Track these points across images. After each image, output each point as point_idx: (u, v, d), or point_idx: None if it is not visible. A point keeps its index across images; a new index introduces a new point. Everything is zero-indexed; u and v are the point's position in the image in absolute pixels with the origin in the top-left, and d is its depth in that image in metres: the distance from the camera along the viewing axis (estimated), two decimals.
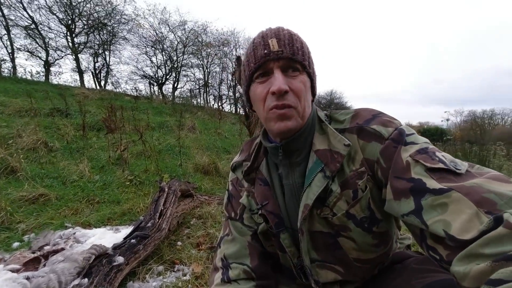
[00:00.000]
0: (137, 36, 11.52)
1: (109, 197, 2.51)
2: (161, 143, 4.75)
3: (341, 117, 0.57)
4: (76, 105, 5.67)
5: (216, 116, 8.28)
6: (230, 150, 5.34)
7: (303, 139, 0.57)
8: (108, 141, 3.83)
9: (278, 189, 0.61)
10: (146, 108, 7.44)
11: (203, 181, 3.30)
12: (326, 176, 0.52)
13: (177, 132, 5.56)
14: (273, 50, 0.51)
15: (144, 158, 3.66)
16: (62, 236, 1.38)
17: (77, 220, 1.97)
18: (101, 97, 7.59)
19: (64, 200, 2.34)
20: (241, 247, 0.65)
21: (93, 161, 3.45)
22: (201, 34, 12.31)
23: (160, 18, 11.60)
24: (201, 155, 4.12)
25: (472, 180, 0.37)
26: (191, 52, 12.67)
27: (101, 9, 10.25)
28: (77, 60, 10.60)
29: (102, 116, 5.12)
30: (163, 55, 12.30)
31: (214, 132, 6.55)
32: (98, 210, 2.22)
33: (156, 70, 12.58)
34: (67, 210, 2.15)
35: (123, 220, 2.06)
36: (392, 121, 0.51)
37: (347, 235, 0.54)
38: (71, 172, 2.96)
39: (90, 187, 2.67)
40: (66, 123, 4.49)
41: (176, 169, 3.67)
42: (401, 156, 0.45)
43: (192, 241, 1.81)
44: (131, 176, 3.00)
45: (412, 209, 0.40)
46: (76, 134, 4.28)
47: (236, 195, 0.70)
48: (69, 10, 9.70)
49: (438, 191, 0.38)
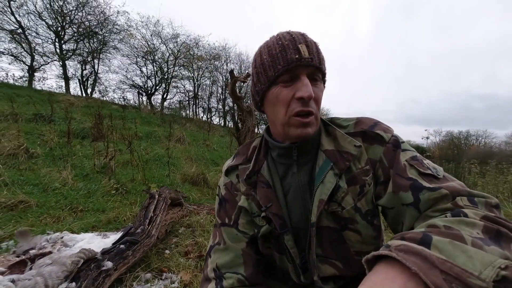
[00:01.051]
0: (128, 46, 11.54)
1: (94, 205, 2.44)
2: (148, 153, 4.68)
3: (344, 123, 0.65)
4: (61, 112, 5.52)
5: (205, 128, 8.29)
6: (219, 162, 5.34)
7: (313, 140, 0.62)
8: (93, 149, 3.74)
9: (279, 190, 0.63)
10: (134, 117, 7.35)
11: (192, 192, 3.28)
12: (335, 174, 0.58)
13: (166, 143, 5.52)
14: (304, 57, 0.52)
15: (131, 167, 3.59)
16: (49, 240, 1.33)
17: (60, 228, 1.89)
18: (87, 105, 7.43)
19: (45, 207, 2.25)
20: (235, 256, 0.64)
21: (77, 169, 3.34)
22: (193, 47, 12.53)
23: (153, 30, 11.73)
24: (190, 166, 4.10)
25: (451, 182, 0.50)
26: (182, 64, 12.79)
27: (93, 18, 10.26)
28: (64, 66, 10.39)
29: (88, 123, 5.02)
30: (153, 66, 12.34)
31: (202, 144, 6.54)
32: (82, 218, 2.14)
33: (146, 80, 12.55)
34: (48, 217, 2.07)
35: (108, 229, 2.01)
36: (389, 129, 0.61)
37: (354, 228, 0.58)
38: (53, 180, 2.85)
39: (73, 195, 2.59)
40: (50, 130, 4.35)
41: (164, 179, 3.63)
42: (400, 159, 0.55)
43: (181, 249, 1.79)
44: (117, 185, 2.93)
45: (411, 201, 0.50)
46: (60, 141, 4.14)
47: (230, 200, 0.68)
48: (60, 17, 9.63)
49: (432, 188, 0.49)
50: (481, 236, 0.36)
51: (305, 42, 0.54)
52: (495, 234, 0.36)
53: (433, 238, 0.34)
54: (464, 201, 0.45)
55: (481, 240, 0.34)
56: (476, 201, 0.45)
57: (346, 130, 0.62)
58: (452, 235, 0.35)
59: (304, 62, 0.52)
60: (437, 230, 0.37)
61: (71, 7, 9.69)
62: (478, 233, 0.36)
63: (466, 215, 0.41)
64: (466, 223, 0.38)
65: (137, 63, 12.05)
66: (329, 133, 0.63)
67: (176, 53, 12.26)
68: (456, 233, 0.35)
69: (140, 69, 12.26)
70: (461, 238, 0.34)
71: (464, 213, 0.41)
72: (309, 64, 0.52)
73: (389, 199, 0.55)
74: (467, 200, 0.45)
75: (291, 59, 0.52)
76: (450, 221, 0.39)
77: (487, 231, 0.37)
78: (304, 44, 0.53)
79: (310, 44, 0.54)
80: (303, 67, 0.53)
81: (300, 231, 0.62)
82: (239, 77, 2.87)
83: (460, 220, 0.39)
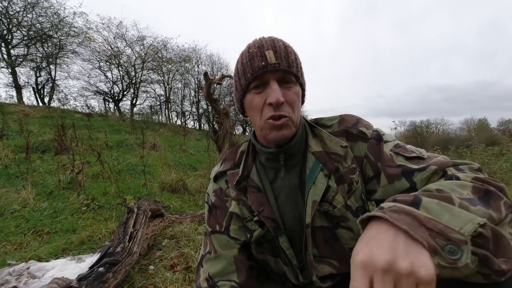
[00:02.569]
0: (89, 49, 10.70)
1: (62, 225, 2.21)
2: (120, 163, 4.39)
3: (328, 122, 0.66)
4: (14, 124, 4.95)
5: (180, 133, 8.02)
6: (197, 166, 5.19)
7: (299, 143, 0.62)
8: (57, 163, 3.40)
9: (270, 194, 0.63)
10: (101, 126, 6.85)
11: (172, 200, 3.13)
12: (325, 175, 0.59)
13: (139, 151, 5.22)
14: (271, 63, 0.53)
15: (102, 180, 3.33)
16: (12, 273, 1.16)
17: (23, 256, 1.68)
18: (45, 115, 6.76)
19: (3, 233, 1.98)
20: (227, 264, 0.63)
21: (39, 187, 3.01)
22: (161, 50, 12.03)
23: (116, 33, 11.01)
24: (168, 173, 3.92)
25: (436, 158, 0.53)
26: (150, 68, 12.22)
27: (45, 19, 9.35)
28: (14, 74, 9.34)
29: (49, 135, 4.55)
30: (119, 70, 11.59)
31: (179, 149, 6.31)
32: (49, 242, 1.93)
33: (112, 86, 11.74)
34: (8, 245, 1.83)
35: (82, 250, 1.83)
36: (370, 124, 0.63)
37: (346, 225, 0.60)
38: (10, 201, 2.54)
39: (37, 216, 2.32)
40: (2, 145, 3.87)
41: (140, 189, 3.42)
42: (385, 151, 0.57)
43: (166, 263, 1.69)
44: (87, 200, 2.70)
45: (408, 186, 0.52)
46: (16, 157, 3.71)
47: (220, 206, 0.68)
48: (5, 19, 8.64)
49: (421, 169, 0.51)
50: (470, 196, 0.38)
51: (273, 47, 0.55)
52: (484, 193, 0.40)
53: (422, 199, 0.36)
54: (452, 170, 0.49)
55: (469, 200, 0.37)
56: (461, 168, 0.49)
57: (331, 129, 0.64)
58: (441, 197, 0.37)
59: (271, 68, 0.53)
60: (428, 193, 0.39)
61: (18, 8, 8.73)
62: (468, 193, 0.39)
63: (458, 178, 0.44)
64: (457, 184, 0.41)
65: (100, 67, 11.23)
66: (315, 134, 0.65)
67: (144, 56, 11.68)
68: (445, 195, 0.37)
69: (104, 74, 11.45)
70: (449, 199, 0.36)
71: (456, 177, 0.45)
72: (277, 69, 0.54)
73: (385, 191, 0.56)
74: (454, 169, 0.49)
75: (257, 66, 0.54)
76: (442, 184, 0.42)
77: (476, 191, 0.40)
78: (272, 50, 0.54)
79: (279, 49, 0.55)
80: (270, 73, 0.54)
81: (294, 233, 0.63)
82: (214, 79, 2.80)
83: (452, 182, 0.42)
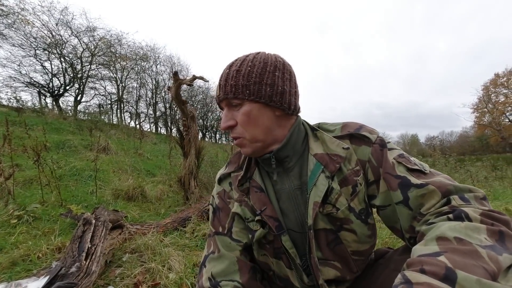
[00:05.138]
0: (22, 34, 9.16)
1: None
2: (61, 167, 3.78)
3: (331, 127, 0.67)
4: None
5: (136, 136, 7.37)
6: (155, 172, 4.80)
7: (291, 146, 0.63)
8: None
9: (272, 195, 0.64)
10: (35, 123, 5.83)
11: (128, 209, 2.81)
12: (327, 176, 0.59)
13: (85, 153, 4.59)
14: (219, 94, 0.61)
15: (38, 187, 2.80)
16: None
17: None
18: None
19: None
20: (229, 264, 0.64)
21: None
22: (114, 44, 11.01)
23: (59, 19, 9.70)
24: (123, 179, 3.53)
25: (438, 177, 0.53)
26: (101, 63, 11.06)
27: None
28: None
29: None
30: (61, 61, 10.18)
31: (134, 153, 5.76)
32: None
33: (51, 78, 10.19)
34: None
35: (14, 273, 1.47)
36: (374, 130, 0.64)
37: (349, 228, 0.60)
38: None
39: None
40: None
41: (88, 197, 2.99)
42: (388, 157, 0.58)
43: (128, 282, 1.47)
44: (19, 211, 2.23)
45: (400, 199, 0.53)
46: None
47: (224, 208, 0.70)
48: None
49: (419, 185, 0.52)
50: (490, 242, 0.38)
51: (226, 76, 0.59)
52: (499, 235, 0.40)
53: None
54: (457, 200, 0.48)
55: (492, 248, 0.37)
56: (467, 197, 0.48)
57: (333, 134, 0.65)
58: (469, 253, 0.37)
59: (221, 98, 0.61)
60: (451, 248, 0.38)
61: None
62: (486, 238, 0.39)
63: (467, 215, 0.43)
64: (472, 229, 0.40)
65: (36, 55, 9.68)
66: (317, 137, 0.66)
67: (93, 49, 10.52)
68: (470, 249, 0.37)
69: (41, 64, 9.91)
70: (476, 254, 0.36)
71: (465, 213, 0.43)
72: (221, 99, 0.61)
73: (383, 198, 0.58)
74: (459, 199, 0.48)
75: (216, 97, 0.63)
76: (457, 229, 0.41)
77: (492, 234, 0.40)
78: (224, 78, 0.59)
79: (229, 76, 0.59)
80: (222, 101, 0.62)
81: (296, 235, 0.63)
82: (185, 80, 2.66)
83: (466, 226, 0.41)
